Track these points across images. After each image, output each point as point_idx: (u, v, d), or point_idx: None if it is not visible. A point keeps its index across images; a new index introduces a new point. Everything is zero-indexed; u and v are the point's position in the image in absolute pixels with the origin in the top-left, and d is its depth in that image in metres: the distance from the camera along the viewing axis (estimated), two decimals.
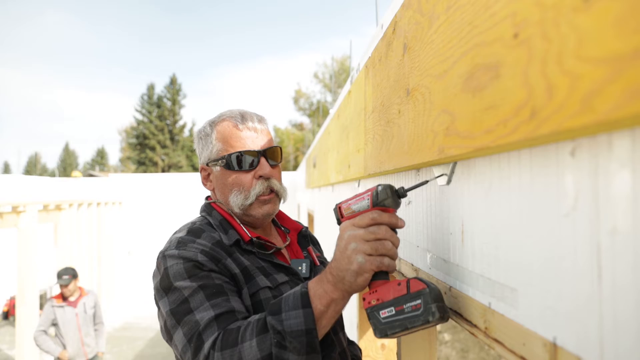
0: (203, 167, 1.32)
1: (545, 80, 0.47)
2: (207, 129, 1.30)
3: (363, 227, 0.90)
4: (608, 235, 0.46)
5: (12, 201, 7.77)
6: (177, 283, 1.05)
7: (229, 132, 1.25)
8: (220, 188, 1.27)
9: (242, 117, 1.26)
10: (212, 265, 1.09)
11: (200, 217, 1.28)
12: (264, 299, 1.13)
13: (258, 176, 1.24)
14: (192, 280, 1.05)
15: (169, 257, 1.09)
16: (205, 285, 1.05)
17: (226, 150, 1.25)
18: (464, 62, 0.68)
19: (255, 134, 1.26)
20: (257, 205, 1.25)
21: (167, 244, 1.17)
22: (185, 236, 1.16)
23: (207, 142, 1.28)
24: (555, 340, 0.55)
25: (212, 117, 1.34)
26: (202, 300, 1.03)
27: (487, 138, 0.60)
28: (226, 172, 1.25)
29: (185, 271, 1.06)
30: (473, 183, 0.80)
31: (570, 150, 0.52)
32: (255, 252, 1.20)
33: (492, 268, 0.72)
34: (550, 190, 0.56)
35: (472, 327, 0.81)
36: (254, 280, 1.14)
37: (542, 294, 0.58)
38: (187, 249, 1.10)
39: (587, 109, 0.40)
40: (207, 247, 1.12)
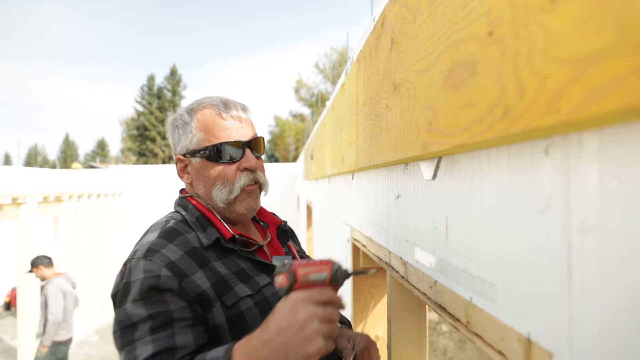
0: (180, 157, 1.20)
1: (516, 79, 0.47)
2: (184, 117, 1.19)
3: (322, 306, 0.84)
4: (578, 232, 0.47)
5: (12, 193, 7.79)
6: (129, 305, 0.97)
7: (212, 121, 1.16)
8: (201, 181, 1.18)
9: (225, 105, 1.17)
10: (173, 283, 0.98)
11: (174, 214, 1.18)
12: (245, 309, 1.04)
13: (243, 168, 1.16)
14: (145, 305, 0.96)
15: (133, 270, 1.00)
16: (154, 315, 0.96)
17: (209, 140, 1.15)
18: (445, 59, 0.68)
19: (239, 124, 1.17)
20: (241, 200, 1.17)
21: (136, 247, 1.07)
22: (157, 240, 1.05)
23: (186, 132, 1.17)
24: (530, 335, 0.56)
25: (189, 104, 1.22)
26: (146, 332, 0.95)
27: (465, 135, 0.61)
28: (208, 164, 1.15)
29: (140, 293, 0.97)
30: (456, 179, 0.80)
31: (544, 149, 0.52)
32: (237, 251, 1.12)
33: (474, 263, 0.73)
34: (526, 187, 0.57)
35: (455, 321, 0.82)
36: (232, 290, 1.05)
37: (518, 290, 0.59)
38: (153, 261, 1.00)
39: (553, 109, 0.41)
40: (176, 257, 1.02)
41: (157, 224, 1.14)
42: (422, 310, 1.37)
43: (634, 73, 0.31)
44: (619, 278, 0.41)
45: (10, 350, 9.10)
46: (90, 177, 10.99)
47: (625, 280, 0.40)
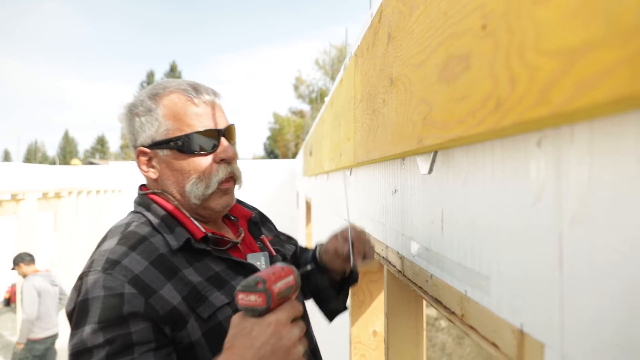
0: (143, 150, 1.05)
1: (508, 72, 0.47)
2: (147, 104, 1.04)
3: (297, 325, 0.82)
4: (568, 224, 0.47)
5: (11, 189, 7.79)
6: (87, 328, 0.85)
7: (182, 107, 1.02)
8: (172, 175, 1.04)
9: (194, 89, 1.04)
10: (138, 303, 0.87)
11: (135, 215, 1.04)
12: (223, 319, 0.94)
13: (219, 160, 1.04)
14: (102, 330, 0.84)
15: (91, 285, 0.88)
16: (112, 340, 0.84)
17: (180, 129, 1.01)
18: (440, 53, 0.69)
19: (212, 110, 1.05)
20: (217, 196, 1.05)
21: (92, 257, 0.93)
22: (117, 247, 0.93)
23: (150, 120, 1.03)
24: (522, 327, 0.57)
25: (151, 89, 1.07)
26: (101, 359, 0.84)
27: (459, 128, 0.61)
28: (180, 155, 1.02)
29: (100, 316, 0.85)
30: (451, 173, 0.80)
31: (537, 141, 0.52)
32: (210, 251, 1.00)
33: (468, 256, 0.73)
34: (519, 180, 0.57)
35: (450, 315, 0.82)
36: (207, 301, 0.94)
37: (511, 282, 0.60)
38: (113, 275, 0.88)
39: (544, 100, 0.41)
40: (140, 269, 0.90)
41: (116, 227, 1.02)
42: (419, 304, 1.38)
43: (622, 63, 0.32)
44: (609, 269, 0.41)
45: (9, 346, 9.12)
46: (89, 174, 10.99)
47: (615, 272, 0.40)
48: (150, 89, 1.07)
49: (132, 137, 1.08)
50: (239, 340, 0.77)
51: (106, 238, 0.99)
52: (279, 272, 0.82)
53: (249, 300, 0.77)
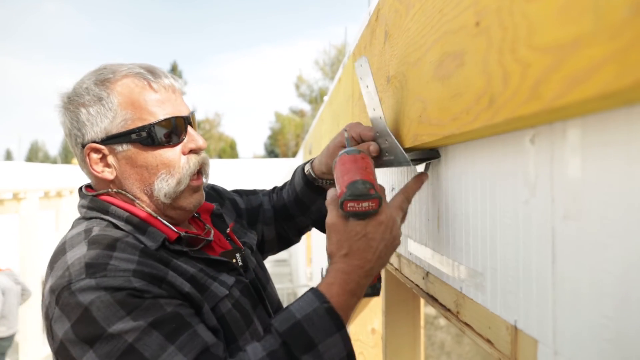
0: (94, 147, 0.89)
1: (501, 69, 0.48)
2: (95, 91, 0.89)
3: (399, 214, 0.82)
4: (561, 220, 0.47)
5: (13, 188, 7.80)
6: (114, 327, 0.71)
7: (140, 93, 0.89)
8: (135, 173, 0.90)
9: (151, 72, 0.91)
10: (155, 289, 0.77)
11: (91, 221, 0.89)
12: (225, 312, 0.86)
13: (188, 150, 0.92)
14: (135, 316, 0.72)
15: (83, 292, 0.73)
16: (158, 321, 0.73)
17: (142, 118, 0.88)
18: (435, 50, 0.69)
19: (173, 95, 0.93)
20: (188, 194, 0.93)
21: (61, 272, 0.78)
22: (91, 252, 0.78)
23: (102, 110, 0.88)
24: (516, 323, 0.57)
25: (95, 75, 0.91)
26: (160, 343, 0.72)
27: (454, 125, 0.61)
28: (143, 149, 0.88)
29: (121, 305, 0.73)
30: (448, 170, 0.80)
31: (531, 138, 0.53)
32: (188, 253, 0.89)
33: (464, 253, 0.74)
34: (512, 177, 0.57)
35: (446, 312, 0.83)
36: (208, 290, 0.86)
37: (505, 279, 0.60)
38: (108, 275, 0.75)
39: (535, 96, 0.41)
40: (134, 265, 0.78)
41: (72, 238, 0.85)
42: (416, 302, 1.38)
43: (610, 59, 0.32)
44: (601, 265, 0.41)
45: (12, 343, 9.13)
46: None
47: (607, 267, 0.40)
48: (96, 75, 0.91)
49: (76, 134, 0.91)
50: (356, 245, 0.76)
51: (64, 251, 0.82)
52: (367, 165, 0.79)
53: (362, 206, 0.75)
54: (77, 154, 0.95)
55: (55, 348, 0.77)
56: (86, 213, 0.92)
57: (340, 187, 0.77)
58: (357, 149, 0.84)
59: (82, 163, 0.94)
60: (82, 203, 0.94)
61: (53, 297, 0.77)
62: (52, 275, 0.80)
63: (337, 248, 0.78)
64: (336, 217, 0.78)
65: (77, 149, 0.93)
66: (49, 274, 0.82)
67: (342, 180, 0.77)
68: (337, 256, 0.78)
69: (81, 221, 0.91)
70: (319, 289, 0.78)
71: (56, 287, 0.77)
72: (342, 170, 0.79)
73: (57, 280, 0.78)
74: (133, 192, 0.92)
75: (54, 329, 0.76)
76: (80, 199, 0.95)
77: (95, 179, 0.94)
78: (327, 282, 0.78)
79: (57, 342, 0.76)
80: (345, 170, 0.78)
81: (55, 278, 0.78)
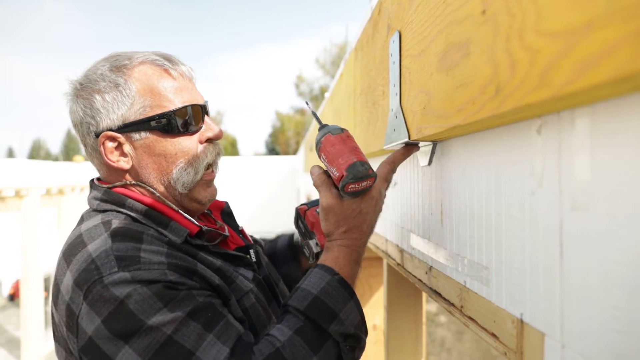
0: (110, 135, 0.86)
1: (508, 57, 0.47)
2: (111, 78, 0.85)
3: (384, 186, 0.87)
4: (569, 211, 0.46)
5: (15, 185, 7.81)
6: (152, 320, 0.69)
7: (158, 79, 0.87)
8: (153, 162, 0.87)
9: (167, 59, 0.89)
10: (188, 281, 0.76)
11: (107, 214, 0.84)
12: (249, 306, 0.86)
13: (205, 139, 0.91)
14: (172, 307, 0.71)
15: (117, 285, 0.70)
16: (194, 311, 0.72)
17: (161, 106, 0.86)
18: (439, 41, 0.68)
19: (190, 83, 0.92)
20: (202, 187, 0.91)
21: (85, 265, 0.73)
22: (118, 244, 0.75)
23: (119, 97, 0.85)
24: (522, 316, 0.56)
25: (110, 61, 0.88)
26: (199, 332, 0.71)
27: (459, 117, 0.60)
28: (163, 137, 0.86)
29: (158, 297, 0.71)
30: (451, 163, 0.80)
31: (537, 128, 0.52)
32: (208, 247, 0.88)
33: (467, 247, 0.73)
34: (518, 168, 0.56)
35: (449, 306, 0.82)
36: (234, 284, 0.86)
37: (510, 272, 0.59)
38: (143, 267, 0.73)
39: (545, 83, 0.40)
40: (164, 254, 0.76)
41: (88, 230, 0.80)
42: (418, 298, 1.38)
43: (623, 42, 0.31)
44: (611, 256, 0.40)
45: (14, 341, 9.17)
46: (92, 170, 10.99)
47: (616, 258, 0.40)
48: (110, 62, 0.88)
49: (89, 122, 0.87)
50: (353, 222, 0.82)
51: (83, 243, 0.77)
52: (355, 144, 0.83)
53: (361, 186, 0.80)
54: (88, 143, 0.90)
55: (81, 345, 0.72)
56: (99, 205, 0.87)
57: (337, 169, 0.80)
58: (338, 126, 0.86)
59: (94, 153, 0.90)
60: (94, 195, 0.89)
61: (79, 292, 0.72)
62: (71, 268, 0.76)
63: (335, 227, 0.82)
64: (331, 199, 0.82)
65: (90, 138, 0.89)
66: (66, 268, 0.77)
67: (339, 163, 0.80)
68: (336, 234, 0.83)
69: (94, 213, 0.86)
70: (326, 264, 0.81)
71: (84, 281, 0.73)
72: (334, 152, 0.81)
73: (83, 274, 0.73)
74: (149, 182, 0.89)
75: (81, 325, 0.72)
76: (92, 191, 0.91)
77: (109, 169, 0.90)
78: (332, 256, 0.82)
79: (83, 339, 0.72)
80: (337, 152, 0.81)
81: (78, 272, 0.74)
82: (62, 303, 0.76)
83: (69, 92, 0.90)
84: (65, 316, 0.75)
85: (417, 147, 0.90)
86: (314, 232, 0.93)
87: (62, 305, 0.75)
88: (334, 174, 0.81)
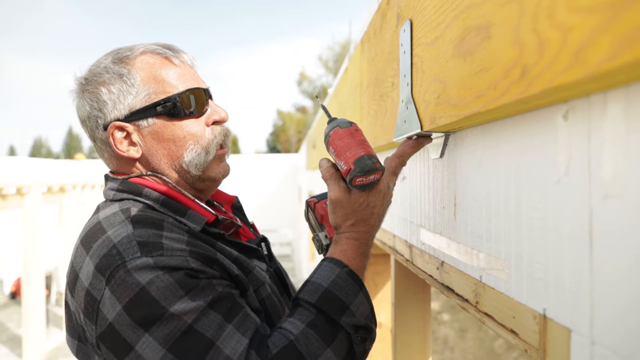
0: (119, 125, 0.86)
1: (536, 36, 0.44)
2: (114, 69, 0.86)
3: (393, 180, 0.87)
4: (600, 200, 0.44)
5: (16, 183, 7.80)
6: (174, 307, 0.69)
7: (160, 67, 0.88)
8: (163, 148, 0.87)
9: (168, 48, 0.90)
10: (209, 269, 0.76)
11: (125, 203, 0.84)
12: (265, 297, 0.86)
13: (212, 122, 0.91)
14: (194, 296, 0.71)
15: (140, 270, 0.70)
16: (215, 300, 0.72)
17: (165, 91, 0.86)
18: (455, 27, 0.65)
19: (192, 70, 0.93)
20: (215, 164, 0.91)
21: (106, 250, 0.73)
22: (140, 231, 0.75)
23: (124, 87, 0.85)
24: (545, 312, 0.54)
25: (111, 55, 0.89)
26: (220, 323, 0.71)
27: (478, 103, 0.58)
28: (170, 121, 0.86)
29: (180, 285, 0.70)
30: (465, 155, 0.77)
31: (563, 114, 0.49)
32: (224, 236, 0.88)
33: (484, 241, 0.70)
34: (541, 157, 0.54)
35: (463, 302, 0.80)
36: (251, 274, 0.86)
37: (532, 265, 0.56)
38: (165, 254, 0.72)
39: (579, 62, 0.37)
40: (185, 241, 0.77)
41: (106, 219, 0.80)
42: (426, 294, 1.35)
43: None
44: None
45: (15, 339, 9.17)
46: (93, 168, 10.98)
47: None
48: (112, 55, 0.89)
49: (96, 115, 0.87)
50: (361, 215, 0.82)
51: (103, 230, 0.77)
52: (363, 137, 0.83)
53: (369, 179, 0.80)
54: (97, 137, 0.90)
55: (100, 332, 0.72)
56: (115, 195, 0.87)
57: (345, 163, 0.80)
58: (347, 120, 0.86)
59: (104, 146, 0.90)
60: (110, 186, 0.89)
61: (101, 277, 0.71)
62: (91, 254, 0.75)
63: (343, 220, 0.83)
64: (339, 192, 0.83)
65: (98, 131, 0.89)
66: (85, 254, 0.76)
67: (346, 157, 0.80)
68: (344, 226, 0.83)
69: (110, 203, 0.86)
70: (335, 257, 0.81)
71: (106, 267, 0.72)
72: (342, 145, 0.82)
73: (104, 259, 0.72)
74: (161, 169, 0.89)
75: (102, 311, 0.71)
76: (108, 183, 0.91)
77: (119, 160, 0.90)
78: (341, 249, 0.82)
79: (102, 326, 0.71)
80: (345, 146, 0.81)
81: (99, 257, 0.73)
82: (81, 290, 0.75)
83: (74, 89, 0.91)
84: (83, 302, 0.74)
85: (430, 139, 0.87)
86: (324, 224, 0.92)
87: (81, 292, 0.75)
88: (341, 167, 0.82)
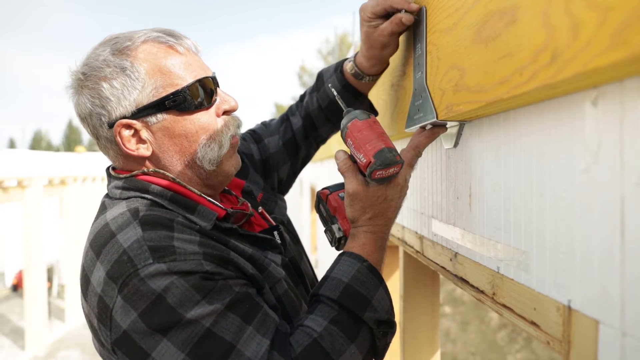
0: (126, 123, 0.80)
1: (569, 18, 0.42)
2: (115, 62, 0.80)
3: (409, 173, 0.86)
4: (634, 187, 0.42)
5: (17, 176, 7.79)
6: (191, 312, 0.67)
7: (165, 57, 0.82)
8: (174, 144, 0.83)
9: (170, 34, 0.84)
10: (224, 271, 0.73)
11: (132, 201, 0.80)
12: (282, 293, 0.84)
13: (222, 112, 0.86)
14: (211, 299, 0.69)
15: (154, 278, 0.68)
16: (233, 302, 0.70)
17: (173, 84, 0.81)
18: (476, 11, 0.63)
19: (196, 56, 0.87)
20: (229, 155, 0.87)
21: (117, 256, 0.71)
22: (149, 234, 0.72)
23: (129, 81, 0.79)
24: (570, 303, 0.52)
25: (110, 45, 0.82)
26: (239, 325, 0.69)
27: (501, 90, 0.56)
28: (180, 115, 0.81)
29: (196, 289, 0.68)
30: (482, 144, 0.76)
31: (593, 100, 0.48)
32: (237, 231, 0.85)
33: (502, 231, 0.69)
34: (567, 145, 0.52)
35: (478, 294, 0.78)
36: (267, 271, 0.83)
37: (556, 256, 0.55)
38: (178, 258, 0.70)
39: (619, 43, 0.36)
40: (196, 242, 0.74)
41: (114, 220, 0.76)
42: (435, 287, 1.34)
43: None
44: None
45: (17, 331, 9.22)
46: (94, 160, 10.97)
47: None
48: (111, 45, 0.82)
49: (99, 112, 0.81)
50: (378, 208, 0.82)
51: (112, 233, 0.74)
52: (382, 129, 0.81)
53: (388, 172, 0.79)
54: (101, 135, 0.84)
55: (115, 339, 0.70)
56: (122, 194, 0.83)
57: (365, 155, 0.79)
58: (364, 111, 0.84)
59: (110, 144, 0.84)
60: (115, 184, 0.85)
61: (113, 285, 0.70)
62: (101, 260, 0.73)
63: (361, 213, 0.82)
64: (357, 185, 0.81)
65: (103, 129, 0.83)
66: (95, 259, 0.74)
67: (366, 149, 0.79)
68: (362, 220, 0.82)
69: (117, 201, 0.82)
70: (354, 251, 0.81)
71: (117, 275, 0.70)
72: (361, 138, 0.80)
73: (116, 267, 0.70)
74: (173, 166, 0.84)
75: (115, 319, 0.70)
76: (111, 181, 0.86)
77: (127, 159, 0.85)
78: (359, 243, 0.82)
79: (117, 333, 0.70)
80: (364, 139, 0.80)
81: (111, 263, 0.71)
82: (94, 295, 0.73)
83: (71, 84, 0.84)
84: (96, 308, 0.73)
85: (445, 128, 0.86)
86: (336, 216, 0.90)
87: (94, 298, 0.73)
88: (360, 160, 0.80)
